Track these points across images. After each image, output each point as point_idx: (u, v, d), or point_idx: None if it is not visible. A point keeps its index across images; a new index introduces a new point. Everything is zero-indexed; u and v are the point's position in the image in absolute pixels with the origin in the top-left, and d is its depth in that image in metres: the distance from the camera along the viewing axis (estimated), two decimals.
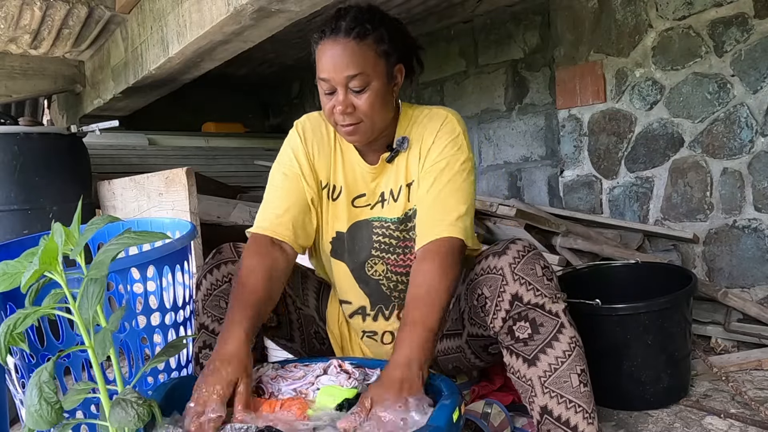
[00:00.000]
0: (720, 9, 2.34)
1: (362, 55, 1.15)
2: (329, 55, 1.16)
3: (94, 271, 0.82)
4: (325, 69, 1.16)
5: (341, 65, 1.14)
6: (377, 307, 1.35)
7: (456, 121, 1.27)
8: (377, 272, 1.32)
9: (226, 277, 1.27)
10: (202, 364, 1.28)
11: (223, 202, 2.74)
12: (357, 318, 1.38)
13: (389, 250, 1.30)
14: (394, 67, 1.22)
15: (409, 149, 1.28)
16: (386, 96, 1.20)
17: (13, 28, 2.96)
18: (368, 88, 1.16)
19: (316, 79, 1.20)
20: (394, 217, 1.29)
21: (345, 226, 1.32)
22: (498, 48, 3.43)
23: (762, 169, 2.28)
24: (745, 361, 1.81)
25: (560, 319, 1.10)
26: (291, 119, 1.42)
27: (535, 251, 1.15)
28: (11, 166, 2.19)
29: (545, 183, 3.25)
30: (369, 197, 1.32)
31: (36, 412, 0.77)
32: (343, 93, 1.16)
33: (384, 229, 1.30)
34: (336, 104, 1.17)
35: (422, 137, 1.26)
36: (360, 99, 1.16)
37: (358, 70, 1.14)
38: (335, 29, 1.16)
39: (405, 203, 1.28)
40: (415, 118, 1.30)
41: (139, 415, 0.78)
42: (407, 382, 0.96)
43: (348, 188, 1.32)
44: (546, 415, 1.09)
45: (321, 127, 1.34)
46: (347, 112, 1.17)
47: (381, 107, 1.19)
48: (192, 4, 2.29)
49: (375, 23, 1.17)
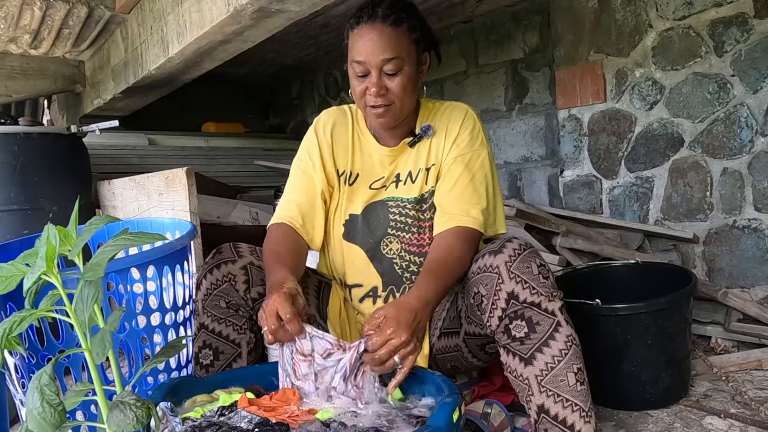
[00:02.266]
0: (720, 9, 2.34)
1: (398, 40, 1.22)
2: (367, 38, 1.22)
3: (89, 273, 0.82)
4: (361, 52, 1.23)
5: (378, 49, 1.21)
6: (389, 288, 1.36)
7: (475, 116, 1.38)
8: (392, 251, 1.36)
9: (226, 277, 1.28)
10: (202, 364, 1.29)
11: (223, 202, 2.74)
12: (367, 301, 1.38)
13: (405, 229, 1.35)
14: (422, 54, 1.30)
15: (433, 136, 1.36)
16: (415, 81, 1.28)
17: (13, 28, 2.96)
18: (401, 72, 1.24)
19: (348, 62, 1.27)
20: (411, 197, 1.35)
21: (359, 208, 1.38)
22: (498, 48, 3.42)
23: (762, 169, 2.28)
24: (745, 361, 1.81)
25: (556, 318, 1.10)
26: (291, 119, 1.47)
27: (530, 249, 1.16)
28: (11, 166, 2.19)
29: (545, 183, 3.25)
30: (386, 179, 1.39)
31: (39, 415, 0.77)
32: (377, 75, 1.23)
33: (400, 209, 1.36)
34: (370, 86, 1.24)
35: (447, 126, 1.35)
36: (393, 82, 1.23)
37: (393, 54, 1.22)
38: (372, 15, 1.23)
39: (422, 185, 1.35)
40: (436, 110, 1.39)
41: (137, 417, 0.78)
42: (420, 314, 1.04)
43: (365, 174, 1.39)
44: (543, 414, 1.09)
45: (339, 118, 1.42)
46: (381, 94, 1.24)
47: (410, 91, 1.27)
48: (192, 4, 2.29)
49: (409, 12, 1.26)
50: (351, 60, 1.26)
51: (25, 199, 2.22)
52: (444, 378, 1.03)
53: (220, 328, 1.29)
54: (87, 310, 0.84)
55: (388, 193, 1.38)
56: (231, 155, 4.00)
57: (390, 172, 1.38)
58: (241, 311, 1.30)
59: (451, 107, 1.38)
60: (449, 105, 1.39)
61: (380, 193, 1.39)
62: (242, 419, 0.95)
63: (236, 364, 1.29)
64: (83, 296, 0.84)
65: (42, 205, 2.25)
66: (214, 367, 1.28)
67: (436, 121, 1.37)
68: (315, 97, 4.85)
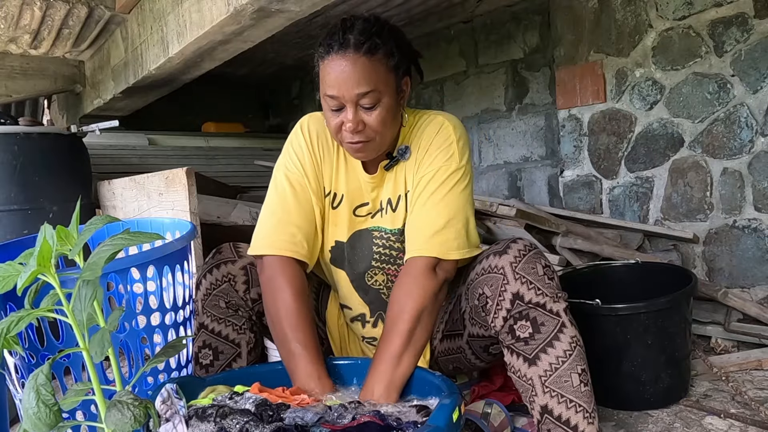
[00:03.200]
0: (720, 9, 2.34)
1: (374, 70, 1.11)
2: (339, 71, 1.10)
3: (87, 273, 0.81)
4: (333, 85, 1.11)
5: (352, 82, 1.09)
6: (377, 314, 1.35)
7: (452, 128, 1.23)
8: (377, 282, 1.32)
9: (226, 277, 1.28)
10: (201, 364, 1.29)
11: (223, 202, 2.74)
12: (357, 324, 1.38)
13: (389, 261, 1.30)
14: (402, 80, 1.19)
15: (409, 157, 1.26)
16: (395, 111, 1.18)
17: (13, 28, 2.96)
18: (379, 104, 1.13)
19: (321, 95, 1.16)
20: (394, 229, 1.28)
21: (345, 235, 1.30)
22: (498, 48, 3.42)
23: (762, 169, 2.28)
24: (745, 361, 1.81)
25: (561, 319, 1.10)
26: (291, 119, 1.44)
27: (536, 250, 1.15)
28: (11, 166, 2.19)
29: (545, 183, 3.25)
30: (371, 206, 1.30)
31: (34, 415, 0.77)
32: (353, 110, 1.12)
33: (384, 240, 1.29)
34: (345, 122, 1.13)
35: (419, 145, 1.24)
36: (371, 116, 1.13)
37: (369, 87, 1.10)
38: (343, 43, 1.11)
39: (404, 213, 1.26)
40: (416, 125, 1.27)
41: (135, 416, 0.78)
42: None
43: (349, 197, 1.29)
44: (546, 414, 1.09)
45: (325, 130, 1.30)
46: (357, 130, 1.13)
47: (390, 123, 1.17)
48: (192, 4, 2.29)
49: (384, 36, 1.13)
50: (323, 93, 1.15)
51: (25, 199, 2.22)
52: (444, 378, 1.03)
53: (220, 328, 1.29)
54: (85, 309, 0.84)
55: (374, 222, 1.30)
56: (231, 155, 4.00)
57: (373, 199, 1.29)
58: (240, 311, 1.30)
59: (427, 121, 1.26)
60: (426, 119, 1.26)
61: (366, 221, 1.30)
62: (247, 401, 0.97)
63: (236, 364, 1.29)
64: (81, 296, 0.84)
65: (42, 205, 2.24)
66: (214, 367, 1.29)
67: (413, 140, 1.26)
68: (315, 97, 4.84)
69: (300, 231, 1.22)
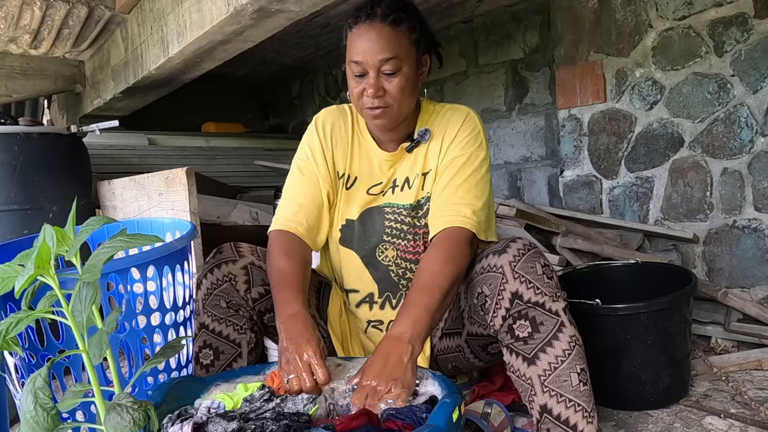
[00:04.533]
0: (720, 9, 2.34)
1: (396, 40, 1.19)
2: (365, 38, 1.19)
3: (86, 274, 0.81)
4: (359, 52, 1.20)
5: (376, 48, 1.18)
6: (385, 294, 1.36)
7: (477, 119, 1.33)
8: (387, 257, 1.35)
9: (227, 277, 1.28)
10: (202, 364, 1.29)
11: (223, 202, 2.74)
12: (364, 307, 1.38)
13: (400, 236, 1.33)
14: (422, 56, 1.27)
15: (430, 140, 1.32)
16: (414, 83, 1.25)
17: (13, 28, 2.96)
18: (399, 72, 1.20)
19: (346, 62, 1.24)
20: (407, 204, 1.33)
21: (356, 213, 1.36)
22: (498, 48, 3.42)
23: (762, 169, 2.28)
24: (745, 361, 1.81)
25: (560, 318, 1.10)
26: (291, 119, 1.46)
27: (535, 249, 1.15)
28: (11, 166, 2.19)
29: (545, 183, 3.25)
30: (384, 185, 1.36)
31: (32, 419, 0.77)
32: (375, 76, 1.20)
33: (396, 215, 1.34)
34: (367, 87, 1.20)
35: (444, 130, 1.32)
36: (391, 83, 1.20)
37: (392, 54, 1.19)
38: (371, 14, 1.20)
39: (418, 191, 1.33)
40: (436, 113, 1.35)
41: (134, 419, 0.78)
42: (394, 353, 1.01)
43: (364, 178, 1.36)
44: (546, 414, 1.09)
45: (339, 119, 1.39)
46: (378, 95, 1.20)
47: (409, 93, 1.24)
48: (192, 4, 2.29)
49: (409, 12, 1.23)
50: (349, 60, 1.23)
51: (25, 199, 2.22)
52: (444, 378, 1.03)
53: (221, 328, 1.29)
54: (85, 311, 0.83)
55: (385, 199, 1.36)
56: (231, 155, 4.00)
57: (388, 177, 1.36)
58: (241, 311, 1.30)
59: (451, 110, 1.35)
60: (450, 108, 1.36)
61: (377, 199, 1.36)
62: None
63: (236, 364, 1.29)
64: (81, 297, 0.84)
65: (42, 205, 2.25)
66: (215, 366, 1.29)
67: (435, 125, 1.34)
68: (315, 97, 4.85)
69: (302, 209, 1.31)
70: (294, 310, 1.10)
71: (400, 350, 1.02)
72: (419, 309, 1.08)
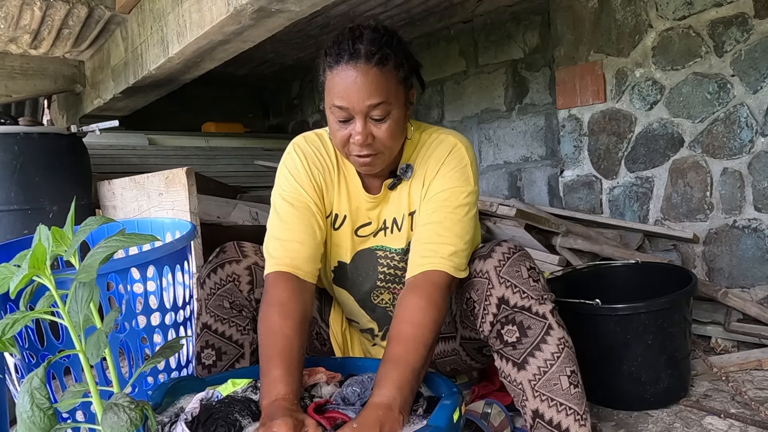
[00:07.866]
0: (720, 9, 2.34)
1: (385, 83, 1.07)
2: (350, 81, 1.06)
3: (83, 275, 0.81)
4: (343, 96, 1.07)
5: (363, 94, 1.05)
6: (384, 328, 1.36)
7: (464, 150, 1.20)
8: (384, 300, 1.32)
9: (230, 277, 1.27)
10: (204, 364, 1.28)
11: (223, 202, 2.74)
12: (366, 334, 1.39)
13: (394, 281, 1.29)
14: (410, 91, 1.17)
15: (413, 177, 1.22)
16: (403, 123, 1.15)
17: (13, 28, 2.96)
18: (389, 116, 1.09)
19: (327, 106, 1.12)
20: (398, 248, 1.26)
21: (348, 256, 1.28)
22: (498, 48, 3.43)
23: (762, 169, 2.28)
24: (745, 361, 1.81)
25: (548, 321, 1.10)
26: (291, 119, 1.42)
27: (520, 252, 1.14)
28: (11, 166, 2.19)
29: (545, 183, 3.25)
30: (373, 226, 1.27)
31: (29, 419, 0.76)
32: (362, 122, 1.08)
33: (389, 260, 1.27)
34: (354, 134, 1.09)
35: (427, 165, 1.20)
36: (380, 128, 1.09)
37: (381, 98, 1.06)
38: (354, 54, 1.06)
39: (408, 233, 1.24)
40: (422, 143, 1.23)
41: (131, 419, 0.77)
42: (387, 424, 0.89)
43: (351, 217, 1.26)
44: (538, 419, 1.09)
45: (321, 151, 1.25)
46: (367, 143, 1.09)
47: (399, 135, 1.14)
48: (192, 4, 2.29)
49: (394, 47, 1.10)
50: (330, 104, 1.09)
51: (25, 199, 2.22)
52: (444, 378, 1.03)
53: (224, 329, 1.28)
54: (81, 311, 0.83)
55: (376, 241, 1.27)
56: (231, 155, 4.00)
57: (376, 218, 1.26)
58: (244, 312, 1.29)
59: (437, 142, 1.21)
60: (436, 138, 1.22)
61: (368, 240, 1.27)
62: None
63: (239, 365, 1.29)
64: (77, 297, 0.84)
65: (42, 205, 2.24)
66: (217, 367, 1.28)
67: (419, 158, 1.21)
68: (315, 97, 4.85)
69: (303, 246, 1.16)
70: (279, 394, 0.95)
71: (391, 420, 0.90)
72: (405, 370, 0.96)
